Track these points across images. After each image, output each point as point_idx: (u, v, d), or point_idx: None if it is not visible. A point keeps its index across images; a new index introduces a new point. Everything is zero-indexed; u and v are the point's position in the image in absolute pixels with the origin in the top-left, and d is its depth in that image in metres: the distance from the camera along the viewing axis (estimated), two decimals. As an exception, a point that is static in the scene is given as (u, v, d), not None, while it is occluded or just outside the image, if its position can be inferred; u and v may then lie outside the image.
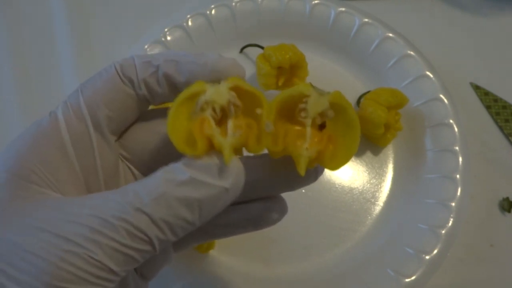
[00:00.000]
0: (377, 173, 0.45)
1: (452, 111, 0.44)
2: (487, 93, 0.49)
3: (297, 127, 0.23)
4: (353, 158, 0.46)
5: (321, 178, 0.45)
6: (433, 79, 0.46)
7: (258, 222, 0.26)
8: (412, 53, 0.47)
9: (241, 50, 0.50)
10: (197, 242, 0.28)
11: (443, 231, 0.40)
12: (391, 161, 0.46)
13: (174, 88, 0.24)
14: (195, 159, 0.21)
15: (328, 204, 0.44)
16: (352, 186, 0.45)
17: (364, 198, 0.45)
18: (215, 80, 0.23)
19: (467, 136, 0.44)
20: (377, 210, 0.44)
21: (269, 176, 0.25)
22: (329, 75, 0.49)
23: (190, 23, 0.48)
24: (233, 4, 0.49)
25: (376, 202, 0.44)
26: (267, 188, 0.25)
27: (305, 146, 0.22)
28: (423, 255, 0.39)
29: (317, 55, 0.49)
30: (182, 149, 0.21)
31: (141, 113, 0.26)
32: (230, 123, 0.22)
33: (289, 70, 0.45)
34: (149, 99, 0.25)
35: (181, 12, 0.49)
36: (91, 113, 0.24)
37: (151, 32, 0.48)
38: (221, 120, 0.22)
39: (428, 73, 0.46)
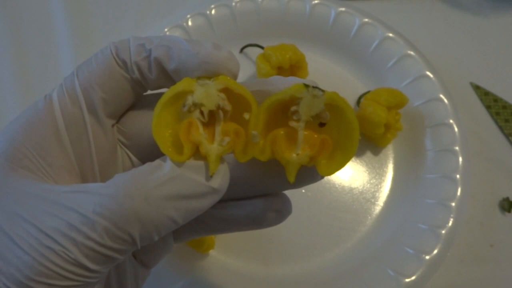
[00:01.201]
0: (377, 173, 0.45)
1: (452, 111, 0.44)
2: (487, 93, 0.49)
3: (289, 130, 0.21)
4: (353, 158, 0.46)
5: (321, 178, 0.45)
6: (433, 79, 0.46)
7: (258, 220, 0.25)
8: (412, 53, 0.47)
9: (241, 50, 0.49)
10: (198, 235, 0.27)
11: (443, 231, 0.40)
12: (391, 161, 0.46)
13: (166, 75, 0.23)
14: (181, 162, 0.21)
15: (328, 204, 0.44)
16: (352, 186, 0.45)
17: (364, 198, 0.45)
18: (205, 72, 0.22)
19: (467, 136, 0.44)
20: (377, 210, 0.44)
21: (264, 175, 0.24)
22: (329, 75, 0.49)
23: (190, 23, 0.48)
24: (233, 4, 0.49)
25: (376, 202, 0.44)
26: (265, 186, 0.24)
27: (296, 152, 0.21)
28: (423, 255, 0.39)
29: (317, 55, 0.49)
30: (168, 153, 0.20)
31: (139, 98, 0.25)
32: (218, 130, 0.21)
33: (289, 70, 0.45)
34: (143, 83, 0.24)
35: (181, 12, 0.49)
36: (86, 95, 0.23)
37: (151, 32, 0.48)
38: (208, 122, 0.21)
39: (428, 73, 0.46)
